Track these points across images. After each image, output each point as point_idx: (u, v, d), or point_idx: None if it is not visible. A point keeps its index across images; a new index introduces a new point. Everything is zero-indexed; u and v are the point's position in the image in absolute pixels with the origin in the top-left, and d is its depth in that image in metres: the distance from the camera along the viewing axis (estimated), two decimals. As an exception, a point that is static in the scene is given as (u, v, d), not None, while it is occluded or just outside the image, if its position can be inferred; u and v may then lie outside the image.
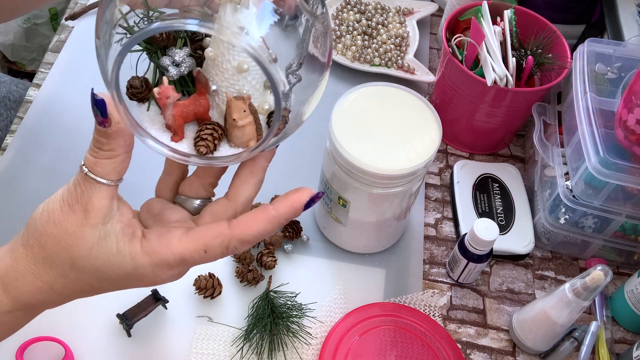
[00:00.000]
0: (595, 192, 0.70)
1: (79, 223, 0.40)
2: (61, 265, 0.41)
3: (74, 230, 0.40)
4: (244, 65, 0.39)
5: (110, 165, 0.40)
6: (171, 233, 0.42)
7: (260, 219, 0.42)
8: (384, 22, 1.02)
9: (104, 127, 0.38)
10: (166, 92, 0.39)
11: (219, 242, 0.41)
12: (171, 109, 0.40)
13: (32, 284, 0.42)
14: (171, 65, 0.39)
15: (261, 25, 0.37)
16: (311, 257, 0.78)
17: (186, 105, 0.41)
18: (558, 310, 0.66)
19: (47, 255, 0.41)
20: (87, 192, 0.40)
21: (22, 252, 0.42)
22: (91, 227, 0.40)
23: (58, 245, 0.40)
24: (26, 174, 0.81)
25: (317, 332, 0.71)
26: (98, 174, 0.40)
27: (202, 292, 0.71)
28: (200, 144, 0.40)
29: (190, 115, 0.41)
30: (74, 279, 0.42)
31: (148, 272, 0.41)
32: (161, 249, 0.41)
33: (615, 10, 0.92)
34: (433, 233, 0.83)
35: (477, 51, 0.82)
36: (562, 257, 0.82)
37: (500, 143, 0.92)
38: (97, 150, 0.40)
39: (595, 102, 0.71)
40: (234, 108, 0.40)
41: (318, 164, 0.76)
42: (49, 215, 0.41)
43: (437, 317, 0.75)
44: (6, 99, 0.92)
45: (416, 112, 0.69)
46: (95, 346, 0.68)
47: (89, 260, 0.40)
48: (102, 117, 0.38)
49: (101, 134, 0.39)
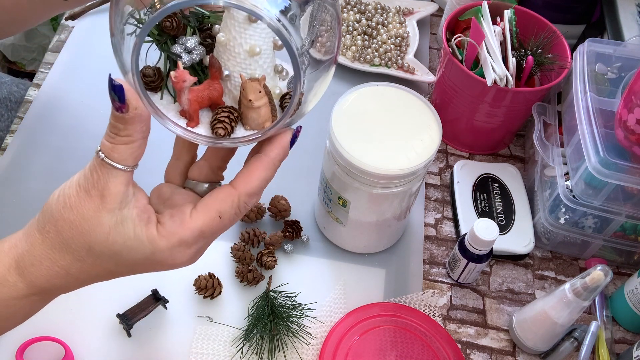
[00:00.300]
0: (595, 192, 0.70)
1: (96, 208, 0.40)
2: (78, 250, 0.41)
3: (90, 216, 0.40)
4: (255, 49, 0.40)
5: (127, 150, 0.40)
6: (182, 210, 0.42)
7: (258, 167, 0.43)
8: (384, 22, 1.02)
9: (121, 113, 0.38)
10: (182, 75, 0.40)
11: (229, 202, 0.42)
12: (187, 93, 0.41)
13: (49, 268, 0.42)
14: (183, 52, 0.40)
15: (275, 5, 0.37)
16: (311, 257, 0.78)
17: (201, 90, 0.41)
18: (558, 310, 0.66)
19: (63, 240, 0.41)
20: (104, 178, 0.40)
21: (39, 237, 0.42)
22: (108, 212, 0.40)
23: (75, 231, 0.40)
24: (26, 174, 0.81)
25: (317, 332, 0.71)
26: (115, 160, 0.39)
27: (202, 292, 0.71)
28: (218, 126, 0.41)
29: (205, 100, 0.42)
30: (90, 264, 0.42)
31: (166, 256, 0.42)
32: (176, 229, 0.41)
33: (615, 10, 0.92)
34: (433, 233, 0.83)
35: (477, 51, 0.82)
36: (562, 257, 0.82)
37: (500, 143, 0.92)
38: (114, 136, 0.39)
39: (595, 102, 0.71)
40: (249, 89, 0.40)
41: (318, 164, 0.76)
42: (65, 200, 0.41)
43: (437, 317, 0.75)
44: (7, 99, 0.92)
45: (416, 112, 0.69)
46: (95, 346, 0.68)
47: (106, 245, 0.41)
48: (120, 102, 0.38)
49: (118, 120, 0.39)
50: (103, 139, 0.40)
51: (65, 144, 0.85)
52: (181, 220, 0.41)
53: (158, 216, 0.42)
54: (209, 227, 0.42)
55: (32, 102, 0.89)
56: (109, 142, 0.40)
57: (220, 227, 0.43)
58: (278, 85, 0.43)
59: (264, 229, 0.79)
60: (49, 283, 0.42)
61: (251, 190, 0.42)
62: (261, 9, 0.35)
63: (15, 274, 0.42)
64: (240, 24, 0.39)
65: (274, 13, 0.36)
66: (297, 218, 0.79)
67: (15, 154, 0.83)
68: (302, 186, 0.83)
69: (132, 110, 0.39)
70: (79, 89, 0.92)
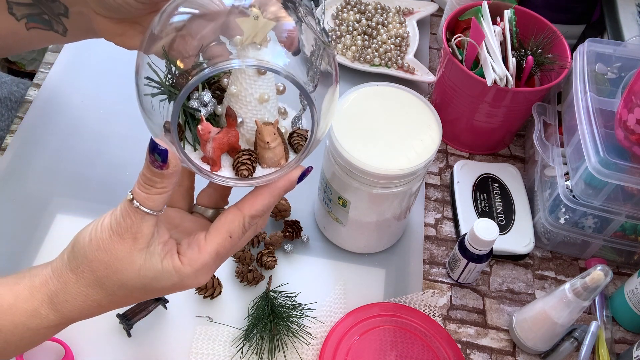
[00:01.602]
0: (595, 192, 0.70)
1: (129, 250, 0.45)
2: (111, 286, 0.46)
3: (124, 256, 0.45)
4: (264, 96, 0.46)
5: (160, 199, 0.44)
6: (197, 238, 0.47)
7: (263, 194, 0.48)
8: (384, 22, 1.02)
9: (160, 170, 0.43)
10: (208, 127, 0.45)
11: (237, 223, 0.47)
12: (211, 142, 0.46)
13: (83, 303, 0.47)
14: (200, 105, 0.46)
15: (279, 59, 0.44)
16: (311, 257, 0.78)
17: (221, 138, 0.47)
18: (558, 310, 0.66)
19: (97, 279, 0.46)
20: (138, 223, 0.44)
21: (72, 277, 0.46)
22: (139, 251, 0.45)
23: (109, 270, 0.45)
24: (26, 174, 0.81)
25: (317, 332, 0.71)
26: (149, 207, 0.44)
27: (202, 292, 0.71)
28: (242, 169, 0.47)
29: (225, 146, 0.47)
30: (121, 296, 0.47)
31: (192, 280, 0.47)
32: (197, 255, 0.47)
33: (615, 10, 0.92)
34: (433, 233, 0.83)
35: (477, 51, 0.82)
36: (562, 257, 0.82)
37: (500, 143, 0.92)
38: (150, 188, 0.44)
39: (595, 102, 0.71)
40: (265, 133, 0.46)
41: (318, 164, 0.76)
42: (98, 243, 0.45)
43: (437, 317, 0.75)
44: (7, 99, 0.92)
45: (416, 112, 0.69)
46: (95, 346, 0.68)
47: (138, 280, 0.46)
48: (162, 162, 0.43)
49: (156, 175, 0.43)
50: (136, 188, 0.44)
51: (65, 144, 0.85)
52: (199, 247, 0.47)
53: (177, 246, 0.47)
54: (223, 247, 0.47)
55: (32, 102, 0.89)
56: (144, 193, 0.44)
57: (232, 245, 0.48)
58: (283, 125, 0.49)
59: (264, 229, 0.79)
60: (81, 314, 0.48)
61: (255, 213, 0.48)
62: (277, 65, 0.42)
63: (48, 308, 0.47)
64: (251, 77, 0.45)
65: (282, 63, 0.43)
66: (297, 218, 0.79)
67: (15, 154, 0.83)
68: (302, 186, 0.82)
69: (172, 168, 0.43)
70: (79, 89, 0.92)
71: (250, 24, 0.44)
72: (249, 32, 0.44)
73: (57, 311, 0.47)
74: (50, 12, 0.64)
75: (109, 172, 0.83)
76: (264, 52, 0.44)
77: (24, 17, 0.66)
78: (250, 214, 0.48)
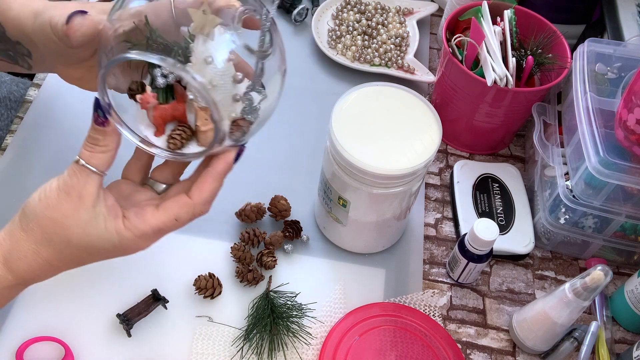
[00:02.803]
0: (595, 192, 0.70)
1: (75, 207, 0.48)
2: (59, 243, 0.49)
3: (70, 214, 0.48)
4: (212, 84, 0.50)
5: (104, 158, 0.49)
6: (145, 210, 0.51)
7: (207, 180, 0.52)
8: (384, 22, 1.02)
9: (102, 127, 0.48)
10: (146, 98, 0.50)
11: (185, 210, 0.51)
12: (152, 111, 0.51)
13: (34, 261, 0.50)
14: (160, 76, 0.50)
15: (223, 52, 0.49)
16: (311, 257, 0.78)
17: (166, 109, 0.51)
18: (558, 310, 0.66)
19: (46, 236, 0.49)
20: (83, 181, 0.48)
21: (23, 235, 0.49)
22: (85, 209, 0.48)
23: (57, 226, 0.48)
24: (26, 174, 0.81)
25: (317, 332, 0.71)
26: (93, 165, 0.48)
27: (202, 292, 0.71)
28: (170, 142, 0.51)
29: (169, 117, 0.52)
30: (68, 254, 0.50)
31: (130, 244, 0.51)
32: (140, 224, 0.50)
33: (615, 10, 0.92)
34: (433, 233, 0.83)
35: (477, 51, 0.82)
36: (562, 257, 0.82)
37: (500, 143, 0.92)
38: (93, 146, 0.48)
39: (595, 102, 0.71)
40: (198, 117, 0.50)
41: (318, 164, 0.76)
42: (47, 202, 0.49)
43: (437, 317, 0.75)
44: (7, 99, 0.92)
45: (416, 112, 0.69)
46: (95, 346, 0.68)
47: (83, 237, 0.49)
48: (103, 118, 0.47)
49: (99, 133, 0.48)
50: (82, 148, 0.48)
51: (65, 144, 0.85)
52: (144, 219, 0.50)
53: (123, 211, 0.51)
54: (167, 226, 0.51)
55: (32, 102, 0.89)
56: (88, 151, 0.48)
57: (175, 227, 0.52)
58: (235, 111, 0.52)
59: (264, 229, 0.79)
60: (33, 274, 0.51)
61: (204, 200, 0.52)
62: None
63: (3, 268, 0.50)
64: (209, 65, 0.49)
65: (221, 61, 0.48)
66: (297, 218, 0.79)
67: (15, 154, 0.83)
68: (302, 186, 0.83)
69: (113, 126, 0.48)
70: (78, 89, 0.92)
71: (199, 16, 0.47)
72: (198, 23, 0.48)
73: (12, 270, 0.50)
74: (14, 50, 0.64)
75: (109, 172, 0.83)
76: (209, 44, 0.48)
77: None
78: (200, 201, 0.51)
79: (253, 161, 0.86)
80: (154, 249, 0.75)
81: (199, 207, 0.52)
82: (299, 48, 1.03)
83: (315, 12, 1.04)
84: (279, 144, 0.89)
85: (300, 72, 0.99)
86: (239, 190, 0.82)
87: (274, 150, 0.88)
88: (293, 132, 0.91)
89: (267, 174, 0.85)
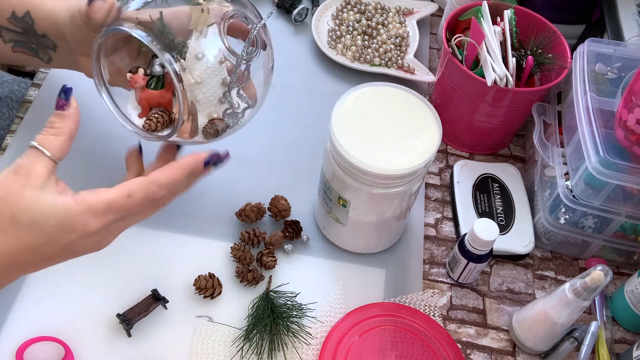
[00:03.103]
0: (595, 192, 0.70)
1: (22, 184, 0.48)
2: (3, 221, 0.48)
3: (17, 190, 0.48)
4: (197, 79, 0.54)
5: (55, 141, 0.49)
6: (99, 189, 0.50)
7: (171, 166, 0.52)
8: (384, 22, 1.02)
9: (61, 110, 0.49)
10: (135, 78, 0.54)
11: (139, 185, 0.50)
12: (139, 92, 0.55)
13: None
14: (157, 64, 0.54)
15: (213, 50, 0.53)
16: (311, 257, 0.78)
17: (153, 94, 0.55)
18: (558, 310, 0.66)
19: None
20: (32, 161, 0.48)
21: None
22: (32, 187, 0.48)
23: (2, 203, 0.48)
24: (26, 174, 0.81)
25: (317, 332, 0.71)
26: (45, 148, 0.49)
27: (202, 292, 0.71)
28: (146, 122, 0.55)
29: (155, 103, 0.55)
30: (13, 236, 0.48)
31: (78, 220, 0.48)
32: (88, 196, 0.49)
33: (615, 10, 0.92)
34: (433, 233, 0.83)
35: (477, 51, 0.83)
36: (562, 257, 0.82)
37: (500, 143, 0.92)
38: (48, 129, 0.50)
39: (595, 102, 0.71)
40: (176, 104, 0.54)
41: (318, 164, 0.76)
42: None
43: (437, 317, 0.75)
44: (8, 98, 0.92)
45: (416, 112, 0.69)
46: (95, 346, 0.68)
47: (28, 213, 0.47)
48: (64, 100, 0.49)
49: (57, 116, 0.50)
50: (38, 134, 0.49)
51: (65, 144, 0.85)
52: (94, 192, 0.50)
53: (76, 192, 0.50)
54: (118, 202, 0.49)
55: (32, 102, 0.89)
56: (42, 134, 0.49)
57: (129, 206, 0.50)
58: (217, 112, 0.55)
59: (264, 229, 0.79)
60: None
61: (160, 182, 0.51)
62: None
63: None
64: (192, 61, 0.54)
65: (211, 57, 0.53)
66: (297, 218, 0.79)
67: (15, 154, 0.83)
68: (302, 186, 0.83)
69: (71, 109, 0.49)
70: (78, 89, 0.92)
71: (197, 13, 0.51)
72: (194, 21, 0.51)
73: None
74: (38, 43, 0.67)
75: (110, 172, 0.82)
76: (202, 41, 0.52)
77: (12, 41, 0.68)
78: (156, 181, 0.50)
79: (253, 161, 0.86)
80: (154, 249, 0.76)
81: (152, 186, 0.51)
82: (299, 48, 1.03)
83: (315, 12, 1.04)
84: (279, 144, 0.89)
85: (300, 72, 0.99)
86: (239, 190, 0.82)
87: (274, 150, 0.88)
88: (293, 132, 0.91)
89: (267, 174, 0.85)
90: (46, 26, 0.65)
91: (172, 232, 0.78)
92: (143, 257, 0.75)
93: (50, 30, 0.65)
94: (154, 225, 0.77)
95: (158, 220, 0.78)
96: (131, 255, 0.75)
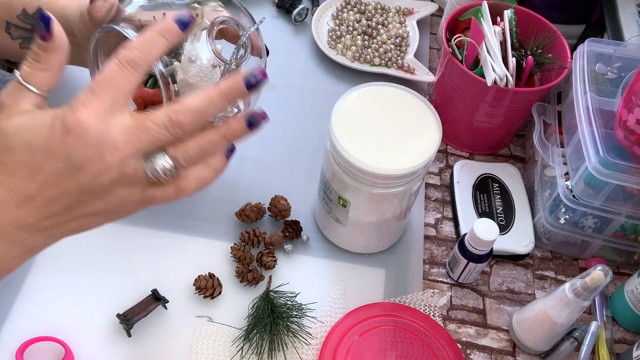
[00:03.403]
0: (595, 192, 0.70)
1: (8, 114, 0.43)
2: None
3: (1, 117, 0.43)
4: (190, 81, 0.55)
5: (42, 77, 0.44)
6: None
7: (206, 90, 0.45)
8: (384, 22, 1.02)
9: (45, 42, 0.43)
10: None
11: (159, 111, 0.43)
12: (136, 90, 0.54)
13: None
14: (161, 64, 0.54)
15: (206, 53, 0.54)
16: (311, 257, 0.78)
17: (147, 92, 0.57)
18: (558, 310, 0.66)
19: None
20: (16, 96, 0.43)
21: None
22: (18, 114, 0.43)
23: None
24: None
25: (317, 332, 0.71)
26: (31, 83, 0.43)
27: (202, 292, 0.71)
28: None
29: (148, 100, 0.58)
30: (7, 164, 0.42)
31: (68, 116, 0.41)
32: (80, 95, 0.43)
33: (615, 10, 0.92)
34: (433, 233, 0.83)
35: (477, 51, 0.83)
36: (562, 257, 0.82)
37: (500, 143, 0.92)
38: (34, 63, 0.44)
39: (595, 102, 0.71)
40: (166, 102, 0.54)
41: (318, 164, 0.76)
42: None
43: (437, 317, 0.75)
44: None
45: (416, 112, 0.69)
46: (95, 346, 0.68)
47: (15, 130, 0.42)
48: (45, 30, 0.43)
49: (41, 48, 0.43)
50: (22, 65, 0.44)
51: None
52: None
53: None
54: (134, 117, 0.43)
55: (32, 102, 0.89)
56: (27, 68, 0.43)
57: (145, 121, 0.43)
58: None
59: (264, 229, 0.79)
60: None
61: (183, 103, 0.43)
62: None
63: None
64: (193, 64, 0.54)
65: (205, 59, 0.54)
66: (297, 218, 0.79)
67: (15, 154, 0.83)
68: (302, 186, 0.83)
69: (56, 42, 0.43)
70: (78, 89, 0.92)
71: None
72: None
73: None
74: None
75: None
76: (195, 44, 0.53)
77: (20, 38, 0.68)
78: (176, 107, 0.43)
79: (253, 161, 0.86)
80: (154, 249, 0.76)
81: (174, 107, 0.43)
82: (299, 48, 1.03)
83: (315, 12, 1.04)
84: (279, 144, 0.89)
85: (300, 72, 0.99)
86: (239, 191, 0.82)
87: (274, 150, 0.88)
88: (293, 132, 0.91)
89: (267, 174, 0.85)
90: None
91: (172, 232, 0.78)
92: (143, 257, 0.75)
93: None
94: (154, 225, 0.78)
95: (158, 220, 0.78)
96: (131, 255, 0.75)
